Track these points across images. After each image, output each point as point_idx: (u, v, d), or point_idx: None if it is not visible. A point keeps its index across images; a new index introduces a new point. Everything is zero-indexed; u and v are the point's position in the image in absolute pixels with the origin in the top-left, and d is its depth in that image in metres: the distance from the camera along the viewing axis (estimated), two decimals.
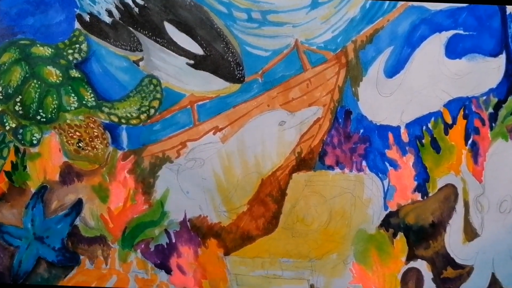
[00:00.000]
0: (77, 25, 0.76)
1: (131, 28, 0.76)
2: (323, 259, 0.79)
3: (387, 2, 0.77)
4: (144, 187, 0.77)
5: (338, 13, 0.77)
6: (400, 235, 0.79)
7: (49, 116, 0.76)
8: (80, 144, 0.77)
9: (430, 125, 0.78)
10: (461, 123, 0.78)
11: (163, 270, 0.78)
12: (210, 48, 0.76)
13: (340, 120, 0.78)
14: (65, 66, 0.76)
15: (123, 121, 0.77)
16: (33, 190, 0.77)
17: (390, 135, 0.78)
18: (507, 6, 0.77)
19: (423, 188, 0.79)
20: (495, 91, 0.78)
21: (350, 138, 0.78)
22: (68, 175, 0.77)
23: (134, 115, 0.77)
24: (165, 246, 0.78)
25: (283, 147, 0.78)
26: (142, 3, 0.75)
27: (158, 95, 0.77)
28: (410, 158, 0.78)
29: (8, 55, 0.76)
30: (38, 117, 0.76)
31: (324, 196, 0.78)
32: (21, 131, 0.76)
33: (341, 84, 0.78)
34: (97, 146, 0.77)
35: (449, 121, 0.78)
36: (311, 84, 0.77)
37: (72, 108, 0.76)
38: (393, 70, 0.77)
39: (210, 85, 0.77)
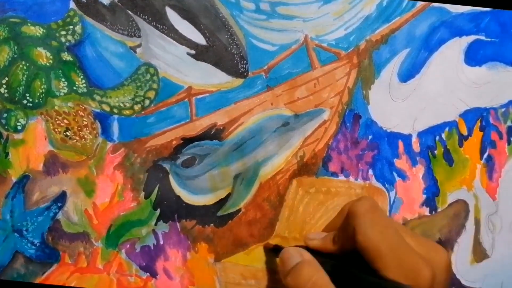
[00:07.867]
0: (72, 4, 0.73)
1: (130, 12, 0.73)
2: None
3: (406, 1, 0.74)
4: (133, 183, 0.75)
5: (353, 9, 0.74)
6: None
7: (36, 101, 0.73)
8: (67, 132, 0.74)
9: (443, 136, 0.75)
10: (477, 135, 0.75)
11: (148, 273, 0.75)
12: (213, 38, 0.73)
13: (347, 124, 0.75)
14: (57, 48, 0.73)
15: (115, 110, 0.74)
16: (14, 179, 0.74)
17: (401, 144, 0.75)
18: None
19: (432, 203, 0.75)
20: None
21: (358, 144, 0.75)
22: (53, 165, 0.74)
23: (128, 105, 0.74)
24: (152, 248, 0.75)
25: (285, 150, 0.75)
26: None
27: (155, 85, 0.74)
28: (420, 170, 0.75)
29: None
30: (25, 102, 0.73)
31: (325, 204, 0.75)
32: (5, 115, 0.73)
33: (351, 86, 0.75)
34: (85, 136, 0.74)
35: (465, 132, 0.75)
36: (319, 84, 0.75)
37: (62, 93, 0.74)
38: (408, 74, 0.75)
39: (211, 78, 0.74)
